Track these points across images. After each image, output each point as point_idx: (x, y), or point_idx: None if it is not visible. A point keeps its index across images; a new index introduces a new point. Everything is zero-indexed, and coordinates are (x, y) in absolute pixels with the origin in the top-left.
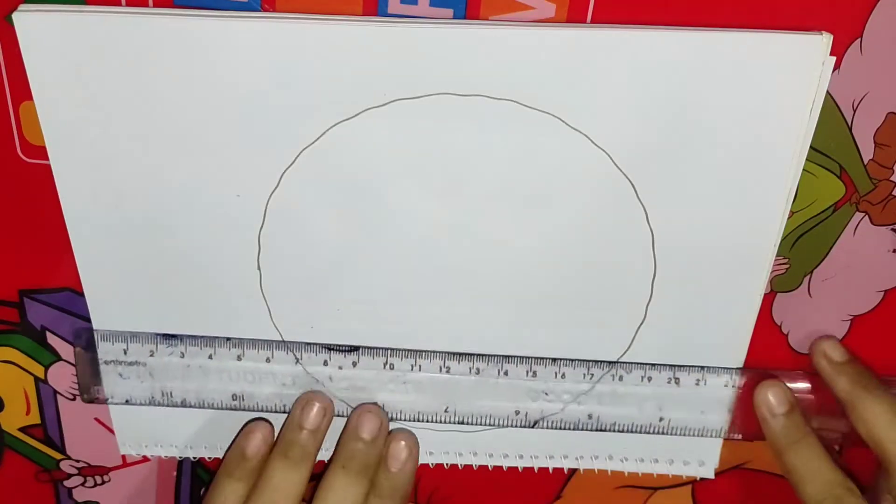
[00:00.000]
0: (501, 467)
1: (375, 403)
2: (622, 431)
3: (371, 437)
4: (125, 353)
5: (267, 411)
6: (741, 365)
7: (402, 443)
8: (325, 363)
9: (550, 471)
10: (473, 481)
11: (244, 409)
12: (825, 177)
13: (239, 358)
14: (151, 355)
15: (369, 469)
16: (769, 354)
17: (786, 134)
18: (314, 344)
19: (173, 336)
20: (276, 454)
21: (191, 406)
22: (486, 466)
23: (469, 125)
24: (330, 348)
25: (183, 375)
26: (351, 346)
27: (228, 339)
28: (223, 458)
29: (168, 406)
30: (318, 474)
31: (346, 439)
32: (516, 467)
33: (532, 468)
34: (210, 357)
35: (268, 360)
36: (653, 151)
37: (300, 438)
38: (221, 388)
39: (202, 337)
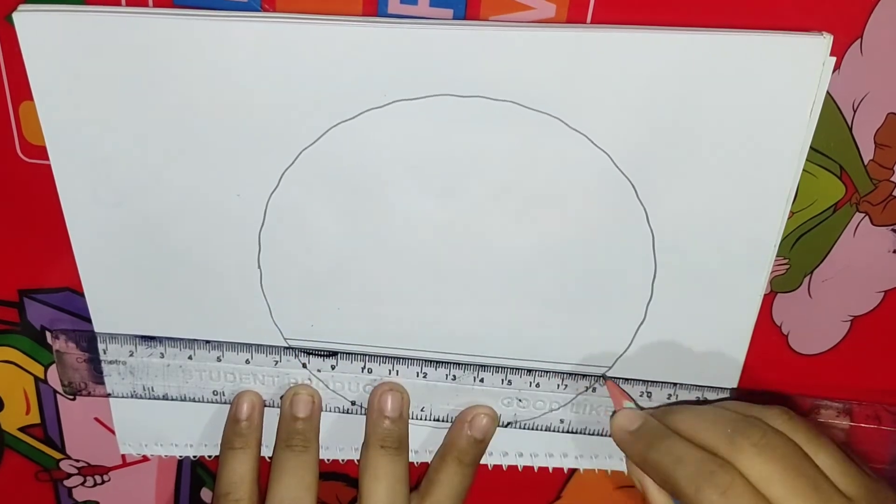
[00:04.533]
0: (501, 467)
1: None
2: (592, 435)
3: (397, 413)
4: (104, 352)
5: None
6: (740, 366)
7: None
8: (304, 366)
9: (550, 471)
10: (473, 481)
11: (225, 404)
12: (825, 177)
13: (219, 359)
14: (131, 355)
15: (405, 442)
16: (769, 355)
17: (786, 134)
18: (292, 348)
19: (152, 338)
20: (279, 449)
21: (172, 399)
22: (486, 466)
23: (469, 126)
24: (308, 352)
25: (164, 374)
26: (329, 351)
27: (208, 341)
28: (223, 435)
29: (150, 399)
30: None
31: (375, 420)
32: (516, 467)
33: (532, 468)
34: (190, 358)
35: (247, 362)
36: (653, 152)
37: (297, 428)
38: (202, 385)
39: (181, 339)
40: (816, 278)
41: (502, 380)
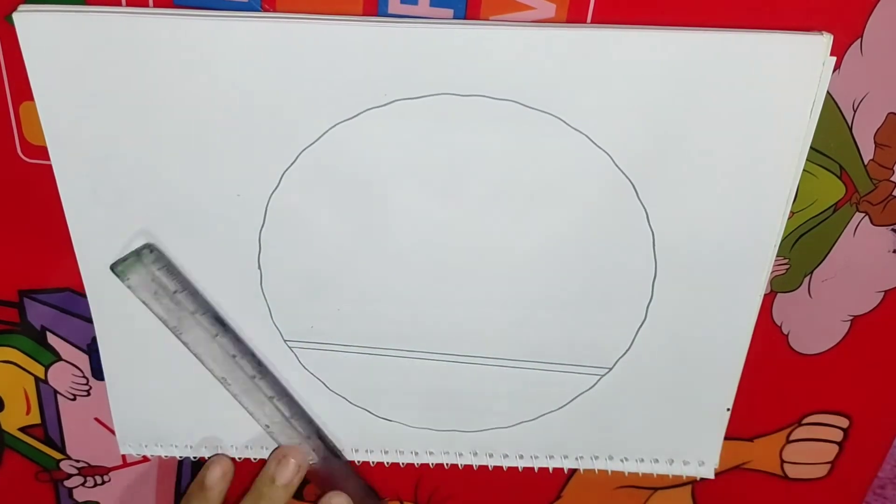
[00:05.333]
0: (501, 467)
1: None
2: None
3: (285, 483)
4: (174, 291)
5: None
6: (741, 366)
7: (293, 461)
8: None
9: (550, 471)
10: (473, 481)
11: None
12: (825, 177)
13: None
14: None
15: None
16: (769, 355)
17: (786, 134)
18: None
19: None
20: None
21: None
22: (486, 466)
23: (469, 125)
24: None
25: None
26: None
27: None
28: (185, 494)
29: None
30: None
31: (263, 481)
32: (516, 467)
33: (532, 468)
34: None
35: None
36: (653, 152)
37: (271, 492)
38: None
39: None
40: (816, 278)
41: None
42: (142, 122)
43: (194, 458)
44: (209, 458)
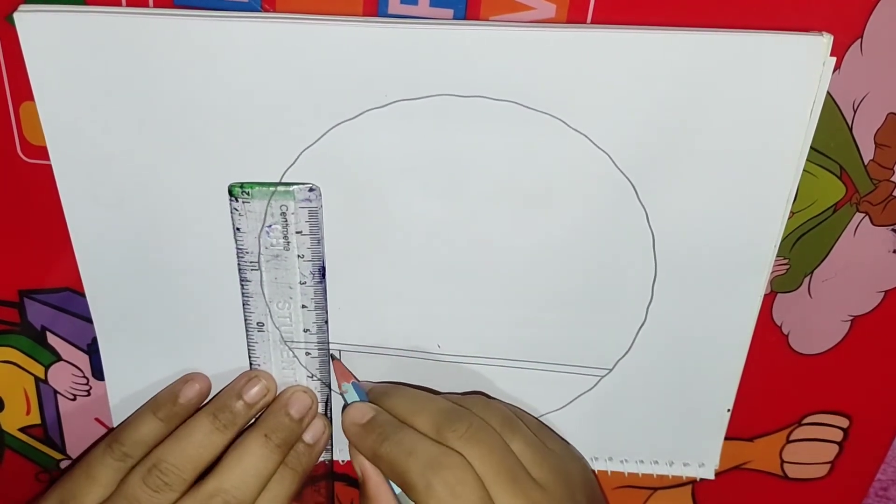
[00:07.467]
0: None
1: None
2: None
3: (299, 416)
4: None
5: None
6: (741, 366)
7: (322, 422)
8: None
9: None
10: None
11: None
12: (825, 177)
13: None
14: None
15: (288, 445)
16: (769, 355)
17: (786, 134)
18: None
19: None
20: (205, 412)
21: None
22: None
23: (469, 126)
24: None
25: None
26: None
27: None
28: (155, 396)
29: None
30: None
31: (275, 412)
32: None
33: None
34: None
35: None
36: (653, 152)
37: (234, 406)
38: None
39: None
40: (816, 278)
41: None
42: (142, 122)
43: None
44: (187, 374)
